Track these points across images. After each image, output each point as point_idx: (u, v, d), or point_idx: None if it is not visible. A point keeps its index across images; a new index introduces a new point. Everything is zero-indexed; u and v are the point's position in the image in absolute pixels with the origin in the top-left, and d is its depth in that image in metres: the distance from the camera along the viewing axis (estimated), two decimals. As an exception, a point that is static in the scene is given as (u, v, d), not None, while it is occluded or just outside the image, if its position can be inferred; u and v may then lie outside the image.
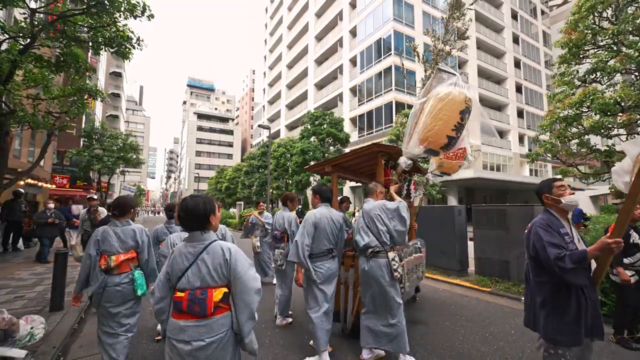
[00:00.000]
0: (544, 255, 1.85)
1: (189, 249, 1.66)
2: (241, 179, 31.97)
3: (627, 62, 8.56)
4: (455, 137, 3.23)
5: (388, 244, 2.88)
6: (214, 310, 1.58)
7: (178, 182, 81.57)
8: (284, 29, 44.03)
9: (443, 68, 3.40)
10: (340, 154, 4.23)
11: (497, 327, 3.84)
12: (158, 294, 1.68)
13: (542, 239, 1.89)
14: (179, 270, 1.63)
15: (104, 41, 4.61)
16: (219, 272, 1.61)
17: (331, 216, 3.11)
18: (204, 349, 1.55)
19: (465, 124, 3.23)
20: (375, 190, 3.10)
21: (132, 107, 67.18)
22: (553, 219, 2.02)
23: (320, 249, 3.02)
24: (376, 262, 2.83)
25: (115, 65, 43.90)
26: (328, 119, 20.95)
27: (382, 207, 2.94)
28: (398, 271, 2.83)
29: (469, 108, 3.17)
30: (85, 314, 4.25)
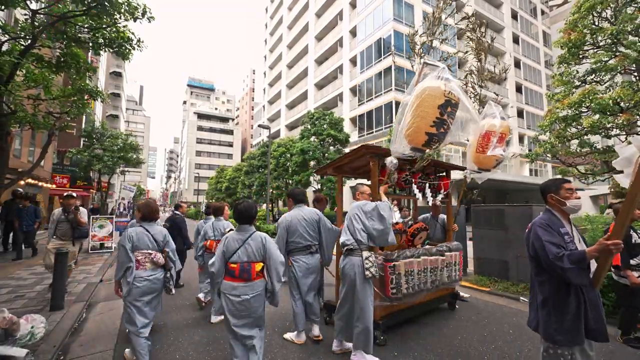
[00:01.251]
0: (543, 255, 1.85)
1: (239, 236, 2.55)
2: (241, 179, 31.97)
3: (627, 62, 8.57)
4: (436, 134, 3.05)
5: (364, 242, 2.95)
6: (255, 277, 2.47)
7: (178, 182, 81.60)
8: (284, 29, 44.03)
9: (429, 62, 3.25)
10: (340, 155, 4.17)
11: (496, 327, 3.86)
12: (217, 264, 2.50)
13: (541, 239, 1.89)
14: (232, 250, 2.49)
15: (105, 42, 4.62)
16: (260, 252, 2.51)
17: (303, 216, 3.37)
18: (247, 300, 2.43)
19: (448, 118, 3.05)
20: (363, 191, 3.31)
21: (132, 107, 67.20)
22: (554, 219, 2.02)
23: (296, 246, 3.35)
24: (350, 260, 2.94)
25: (115, 65, 43.94)
26: (328, 119, 20.95)
27: (360, 207, 3.06)
28: (370, 270, 2.86)
29: (451, 101, 3.02)
30: (86, 313, 4.27)
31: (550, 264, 1.82)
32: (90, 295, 4.96)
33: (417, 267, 3.47)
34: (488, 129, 3.90)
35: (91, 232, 9.16)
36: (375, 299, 3.09)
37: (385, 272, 3.30)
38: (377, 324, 3.25)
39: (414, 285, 3.46)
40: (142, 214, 3.10)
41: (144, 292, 2.82)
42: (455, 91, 3.03)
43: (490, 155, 3.92)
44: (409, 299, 3.44)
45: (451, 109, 3.04)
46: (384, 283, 3.27)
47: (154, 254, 2.95)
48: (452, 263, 4.05)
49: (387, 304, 3.29)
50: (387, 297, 3.27)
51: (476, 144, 4.01)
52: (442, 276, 3.86)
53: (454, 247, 4.22)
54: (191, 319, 4.07)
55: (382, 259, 3.29)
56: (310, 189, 24.61)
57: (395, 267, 3.28)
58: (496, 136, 3.83)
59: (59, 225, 5.00)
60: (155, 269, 2.95)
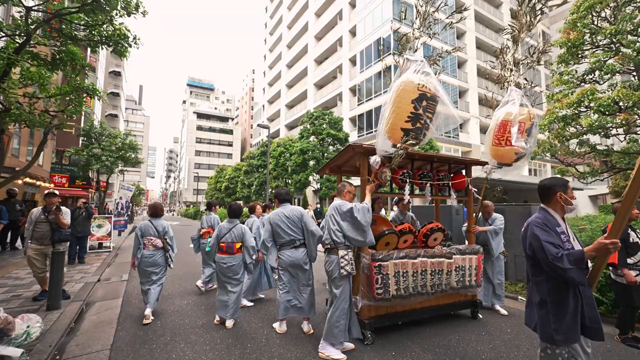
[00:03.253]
0: (542, 256, 1.84)
1: (228, 225, 4.02)
2: (240, 179, 31.99)
3: (626, 61, 8.56)
4: (411, 129, 2.95)
5: (340, 242, 3.07)
6: (236, 252, 3.93)
7: (178, 181, 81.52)
8: (284, 28, 43.98)
9: (410, 57, 3.11)
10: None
11: (493, 326, 3.85)
12: (213, 241, 4.02)
13: (539, 239, 1.87)
14: (223, 233, 3.97)
15: (101, 39, 4.58)
16: (240, 236, 3.97)
17: (285, 213, 3.65)
18: (230, 266, 3.89)
19: (425, 113, 2.92)
20: (343, 190, 3.33)
21: (131, 106, 67.11)
22: (550, 218, 2.00)
23: (281, 241, 3.65)
24: (330, 258, 3.13)
25: (114, 64, 43.85)
26: (327, 118, 20.94)
27: (336, 208, 3.14)
28: (346, 269, 2.99)
29: (426, 94, 2.90)
30: (82, 313, 4.25)
31: (550, 265, 1.80)
32: (87, 295, 4.94)
33: (413, 269, 3.32)
34: (505, 118, 3.58)
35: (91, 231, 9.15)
36: (363, 299, 3.09)
37: (371, 272, 3.18)
38: (364, 323, 3.20)
39: (408, 287, 3.31)
40: (150, 212, 4.40)
41: (147, 265, 4.12)
42: (430, 84, 2.91)
43: (509, 148, 3.57)
44: (402, 302, 3.29)
45: (427, 102, 2.93)
46: (370, 284, 3.17)
47: (154, 239, 4.20)
48: (464, 267, 3.70)
49: (375, 304, 3.19)
50: (373, 298, 3.18)
51: (492, 135, 3.70)
52: (450, 280, 3.60)
53: (468, 250, 3.82)
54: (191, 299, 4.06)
55: (369, 258, 3.20)
56: (309, 188, 24.62)
57: (381, 267, 3.16)
58: (515, 126, 3.48)
59: (37, 227, 4.54)
60: (156, 250, 4.20)
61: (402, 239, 3.59)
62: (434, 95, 2.93)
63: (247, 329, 3.71)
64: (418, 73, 2.95)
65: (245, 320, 4.02)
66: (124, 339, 3.43)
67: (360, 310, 3.17)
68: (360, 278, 3.15)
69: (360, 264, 3.17)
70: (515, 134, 3.43)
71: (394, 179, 3.49)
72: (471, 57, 27.94)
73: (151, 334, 3.55)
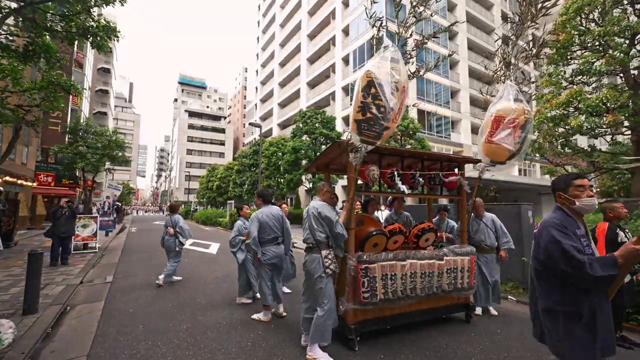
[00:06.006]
0: (562, 261, 1.61)
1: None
2: (233, 178, 31.67)
3: (613, 63, 8.67)
4: (362, 120, 2.77)
5: (322, 241, 3.03)
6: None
7: (169, 180, 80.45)
8: (277, 27, 43.70)
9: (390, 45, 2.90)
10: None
11: (483, 326, 3.81)
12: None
13: (560, 242, 1.64)
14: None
15: (78, 31, 4.37)
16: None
17: (271, 213, 4.01)
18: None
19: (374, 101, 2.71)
20: (322, 189, 3.30)
21: (121, 104, 65.92)
22: (568, 219, 1.79)
23: (266, 238, 3.93)
24: (311, 257, 3.08)
25: (103, 61, 43.00)
26: (320, 117, 20.86)
27: (317, 209, 3.09)
28: (330, 268, 2.97)
29: (373, 81, 2.70)
30: (61, 317, 4.08)
31: (575, 272, 1.58)
32: (68, 298, 4.76)
33: (402, 271, 3.19)
34: (498, 114, 3.42)
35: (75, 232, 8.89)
36: (348, 302, 3.01)
37: (357, 275, 3.04)
38: (349, 328, 3.06)
39: (396, 290, 3.19)
40: (170, 209, 6.34)
41: (166, 247, 5.91)
42: (382, 70, 2.70)
43: (500, 145, 3.39)
44: (390, 305, 3.17)
45: (375, 90, 2.72)
46: (356, 287, 3.04)
47: (169, 228, 5.93)
48: (456, 269, 3.55)
49: (361, 308, 3.06)
50: (359, 302, 3.05)
51: (486, 131, 3.54)
52: (442, 283, 3.46)
53: (461, 252, 3.67)
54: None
55: (355, 260, 3.07)
56: (302, 188, 24.49)
57: (367, 270, 3.04)
58: (508, 122, 3.30)
59: None
60: (170, 236, 5.90)
61: (391, 239, 3.50)
62: (379, 81, 2.71)
63: (232, 333, 3.61)
64: (377, 57, 2.79)
65: (231, 323, 3.91)
66: (103, 344, 3.29)
67: (345, 314, 3.05)
68: (346, 280, 3.05)
69: (346, 265, 3.08)
70: (509, 130, 3.28)
71: (382, 177, 3.40)
72: (463, 58, 28.15)
73: (132, 339, 3.41)
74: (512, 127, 3.27)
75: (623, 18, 8.62)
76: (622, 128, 9.09)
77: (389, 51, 2.77)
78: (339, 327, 3.13)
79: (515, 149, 3.38)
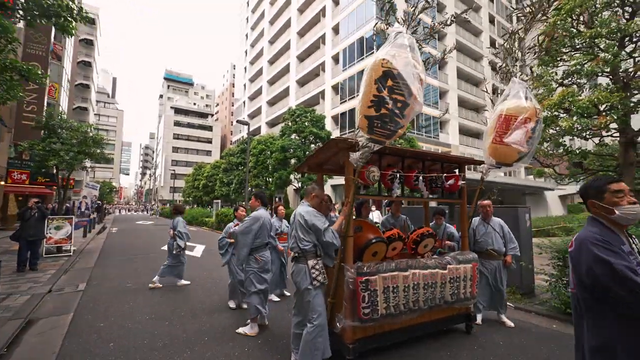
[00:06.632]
0: (614, 284, 1.34)
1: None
2: (220, 177, 30.98)
3: (603, 65, 8.68)
4: (375, 116, 2.41)
5: (309, 251, 2.77)
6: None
7: (153, 178, 78.39)
8: (266, 24, 43.04)
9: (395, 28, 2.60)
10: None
11: (485, 338, 3.60)
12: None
13: (608, 262, 1.36)
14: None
15: (38, 10, 3.86)
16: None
17: (268, 218, 3.92)
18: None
19: (391, 95, 2.37)
20: (310, 192, 2.99)
21: (103, 99, 63.65)
22: (609, 234, 1.49)
23: (262, 243, 3.80)
24: (297, 267, 2.83)
25: (84, 54, 41.31)
26: (309, 116, 20.54)
27: (303, 216, 2.81)
28: (318, 279, 2.72)
29: (391, 72, 2.35)
30: (21, 333, 3.62)
31: (632, 298, 1.31)
32: (32, 310, 4.30)
33: (404, 283, 2.90)
34: (508, 113, 3.20)
35: (47, 234, 8.29)
36: (346, 319, 2.71)
37: (356, 289, 2.72)
38: (347, 347, 2.73)
39: (399, 304, 2.89)
40: (174, 211, 6.12)
41: (168, 248, 5.81)
42: (400, 59, 2.35)
43: (510, 147, 3.17)
44: (391, 320, 2.88)
45: (393, 82, 2.36)
46: (355, 302, 2.72)
47: (170, 230, 5.85)
48: (458, 278, 3.29)
49: (361, 325, 2.75)
50: (359, 319, 2.73)
51: (493, 132, 3.32)
52: (445, 294, 3.19)
53: (464, 259, 3.40)
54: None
55: (354, 272, 2.74)
56: (290, 187, 24.11)
57: (368, 283, 2.75)
58: (519, 122, 3.10)
59: None
60: (170, 238, 5.78)
61: (390, 246, 3.23)
62: (401, 73, 2.37)
63: (215, 351, 3.26)
64: (389, 45, 2.44)
65: (215, 337, 3.56)
66: (66, 367, 2.89)
67: (343, 331, 2.73)
68: (344, 294, 2.74)
69: (343, 277, 2.77)
70: (522, 130, 3.03)
71: (382, 179, 3.11)
72: (451, 59, 28.33)
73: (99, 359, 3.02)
74: (525, 127, 3.03)
75: (613, 20, 8.63)
76: (611, 130, 9.13)
77: (405, 38, 2.42)
78: (336, 346, 2.82)
79: (527, 151, 3.15)
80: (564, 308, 4.24)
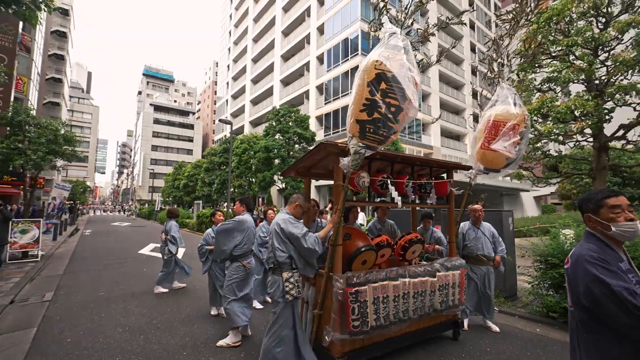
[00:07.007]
0: (613, 307, 1.27)
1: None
2: (201, 176, 30.24)
3: (579, 73, 9.02)
4: (368, 121, 2.30)
5: (284, 263, 2.63)
6: None
7: (131, 177, 75.63)
8: (250, 22, 42.40)
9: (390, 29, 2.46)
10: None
11: (472, 344, 3.57)
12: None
13: (607, 283, 1.29)
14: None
15: (-6, -4, 3.51)
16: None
17: (253, 223, 3.79)
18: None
19: (385, 99, 2.26)
20: (294, 202, 2.83)
21: (77, 94, 60.70)
22: (606, 250, 1.42)
23: (249, 249, 3.71)
24: (273, 278, 2.71)
25: (57, 46, 39.21)
26: (294, 116, 20.34)
27: (280, 224, 2.67)
28: (291, 293, 2.58)
29: (385, 74, 2.24)
30: (-25, 352, 3.27)
31: (631, 321, 1.24)
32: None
33: (394, 292, 2.80)
34: (497, 119, 3.19)
35: (11, 239, 7.72)
36: (335, 332, 2.59)
37: (346, 300, 2.59)
38: None
39: (389, 315, 2.78)
40: (168, 215, 5.91)
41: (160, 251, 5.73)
42: (394, 62, 2.25)
43: (498, 152, 3.15)
44: (381, 332, 2.78)
45: (387, 85, 2.26)
46: (344, 314, 2.59)
47: (162, 235, 5.71)
48: (447, 285, 3.22)
49: (349, 338, 2.63)
50: (348, 332, 2.60)
51: (482, 137, 3.29)
52: (434, 302, 3.12)
53: (452, 265, 3.34)
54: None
55: (344, 283, 2.61)
56: (274, 188, 23.80)
57: (358, 294, 2.62)
58: (508, 128, 3.08)
59: None
60: (163, 243, 5.67)
61: (379, 253, 3.14)
62: (396, 75, 2.27)
63: (195, 366, 3.06)
64: (382, 47, 2.33)
65: (194, 351, 3.35)
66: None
67: (331, 345, 2.61)
68: (333, 306, 2.61)
69: (332, 288, 2.64)
70: (510, 137, 3.02)
71: (372, 185, 3.01)
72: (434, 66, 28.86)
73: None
74: (513, 133, 3.01)
75: (588, 29, 8.98)
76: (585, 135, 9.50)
77: (398, 39, 2.31)
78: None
79: (515, 157, 3.14)
80: (546, 311, 4.30)
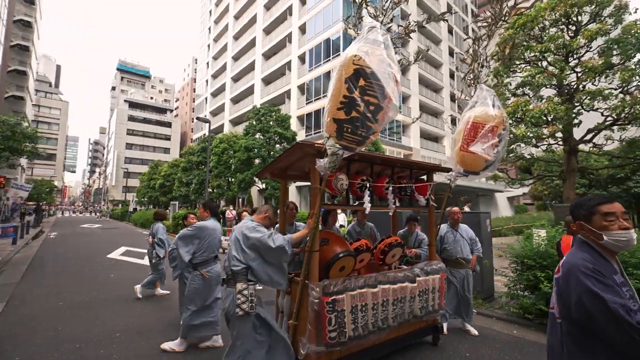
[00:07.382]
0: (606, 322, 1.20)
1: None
2: (178, 176, 29.30)
3: (551, 78, 9.36)
4: (345, 119, 2.17)
5: (239, 273, 2.45)
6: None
7: (104, 177, 72.26)
8: (231, 18, 41.52)
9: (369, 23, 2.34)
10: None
11: (452, 349, 3.52)
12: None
13: (602, 299, 1.20)
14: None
15: None
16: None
17: (217, 228, 3.66)
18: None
19: (364, 96, 2.12)
20: (261, 211, 2.71)
21: (44, 88, 57.25)
22: (600, 261, 1.33)
23: (210, 257, 3.52)
24: (227, 291, 2.53)
25: (20, 36, 36.75)
26: (275, 115, 20.05)
27: (242, 232, 2.52)
28: (242, 307, 2.37)
29: (363, 70, 2.11)
30: None
31: (626, 339, 1.16)
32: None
33: (373, 300, 2.67)
34: (476, 120, 3.16)
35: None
36: (310, 344, 2.43)
37: (322, 310, 2.44)
38: None
39: (367, 324, 2.65)
40: (155, 217, 5.70)
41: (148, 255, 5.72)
42: (374, 57, 2.11)
43: (477, 154, 3.12)
44: (359, 342, 2.65)
45: (366, 82, 2.12)
46: (320, 325, 2.44)
47: (149, 238, 5.55)
48: (427, 290, 3.13)
49: (325, 350, 2.47)
50: (324, 344, 2.45)
51: (461, 138, 3.26)
52: (414, 308, 3.01)
53: (431, 269, 3.25)
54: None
55: (320, 292, 2.45)
56: (254, 188, 23.37)
57: (335, 303, 2.47)
58: (487, 130, 3.07)
59: None
60: (150, 246, 5.50)
61: (358, 258, 3.02)
62: (375, 72, 2.13)
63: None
64: (361, 41, 2.19)
65: None
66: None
67: (306, 358, 2.45)
68: (308, 316, 2.46)
69: (307, 297, 2.49)
70: (489, 139, 2.99)
71: (351, 187, 2.88)
72: (413, 66, 29.41)
73: None
74: (492, 135, 2.97)
75: (560, 36, 9.32)
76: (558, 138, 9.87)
77: (378, 33, 2.16)
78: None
79: (493, 159, 3.11)
80: (522, 312, 4.35)
